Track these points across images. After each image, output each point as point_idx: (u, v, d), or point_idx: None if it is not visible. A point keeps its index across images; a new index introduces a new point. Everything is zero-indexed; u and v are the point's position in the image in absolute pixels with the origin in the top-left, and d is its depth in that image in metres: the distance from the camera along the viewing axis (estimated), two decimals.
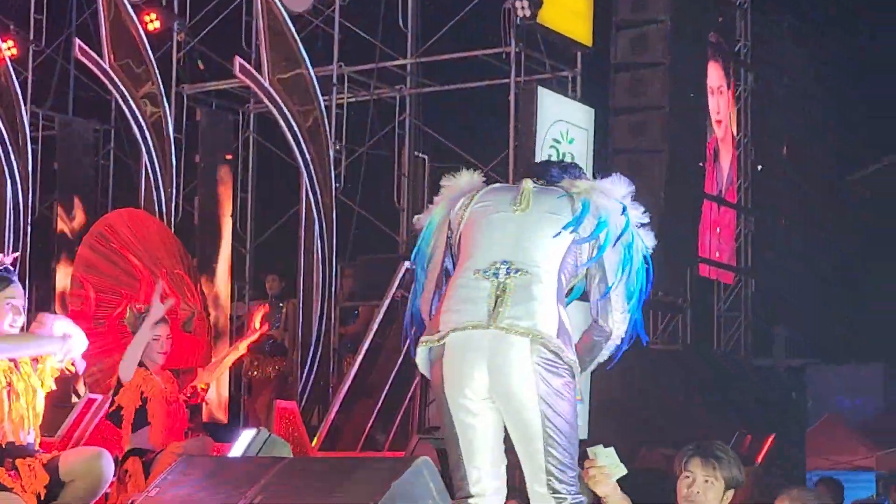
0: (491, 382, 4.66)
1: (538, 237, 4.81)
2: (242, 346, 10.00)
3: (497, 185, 5.08)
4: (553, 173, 5.05)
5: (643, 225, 4.95)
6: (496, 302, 4.66)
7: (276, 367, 14.01)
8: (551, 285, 4.76)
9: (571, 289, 4.93)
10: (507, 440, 4.79)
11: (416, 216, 5.15)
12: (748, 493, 8.84)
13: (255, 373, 13.94)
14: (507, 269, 4.72)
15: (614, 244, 4.86)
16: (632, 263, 4.90)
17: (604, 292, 4.87)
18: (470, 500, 4.72)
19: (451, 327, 4.68)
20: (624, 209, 4.92)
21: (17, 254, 6.85)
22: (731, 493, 5.26)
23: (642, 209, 4.99)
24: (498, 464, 4.76)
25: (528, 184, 4.95)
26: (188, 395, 8.77)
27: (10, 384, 6.31)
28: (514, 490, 5.02)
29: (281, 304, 14.30)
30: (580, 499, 4.75)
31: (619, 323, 4.93)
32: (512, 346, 4.63)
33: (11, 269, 6.50)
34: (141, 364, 8.58)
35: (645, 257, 4.94)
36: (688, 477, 5.26)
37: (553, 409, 4.65)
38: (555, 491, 4.68)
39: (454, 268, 4.93)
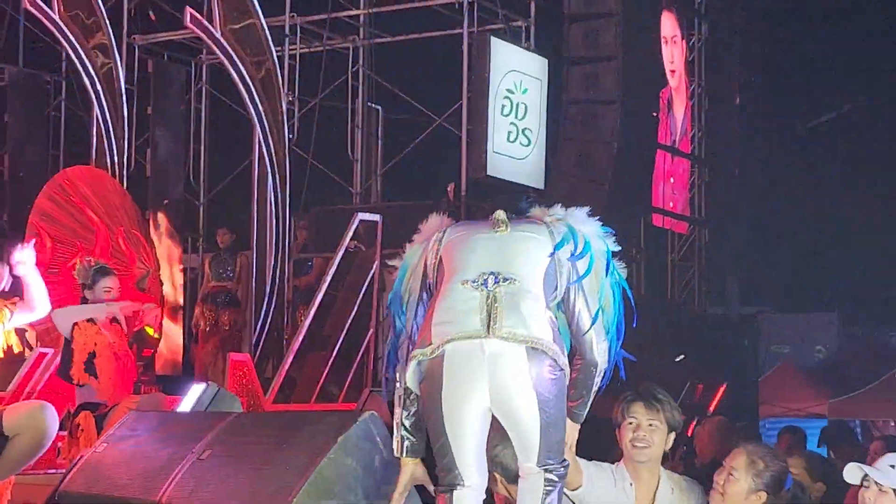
0: (492, 393, 4.70)
1: (521, 251, 4.86)
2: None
3: (465, 221, 5.13)
4: (522, 205, 5.10)
5: (615, 254, 5.01)
6: (489, 312, 4.68)
7: (229, 319, 13.97)
8: (539, 294, 4.80)
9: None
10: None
11: (392, 263, 5.13)
12: (713, 442, 8.86)
13: (203, 324, 13.88)
14: (496, 278, 4.74)
15: (606, 270, 4.93)
16: (613, 294, 4.96)
17: (593, 318, 4.91)
18: (456, 490, 4.75)
19: (447, 338, 4.68)
20: (601, 235, 4.99)
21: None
22: (672, 435, 5.29)
23: (613, 239, 5.03)
24: (483, 458, 4.82)
25: (500, 214, 4.97)
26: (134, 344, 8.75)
27: None
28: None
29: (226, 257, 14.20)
30: (567, 464, 4.84)
31: (603, 353, 4.97)
32: (511, 357, 4.67)
33: None
34: (90, 319, 8.56)
35: (623, 287, 4.99)
36: (631, 423, 5.29)
37: (549, 412, 4.72)
38: (543, 464, 4.76)
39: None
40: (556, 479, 4.77)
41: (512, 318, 4.69)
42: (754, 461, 5.12)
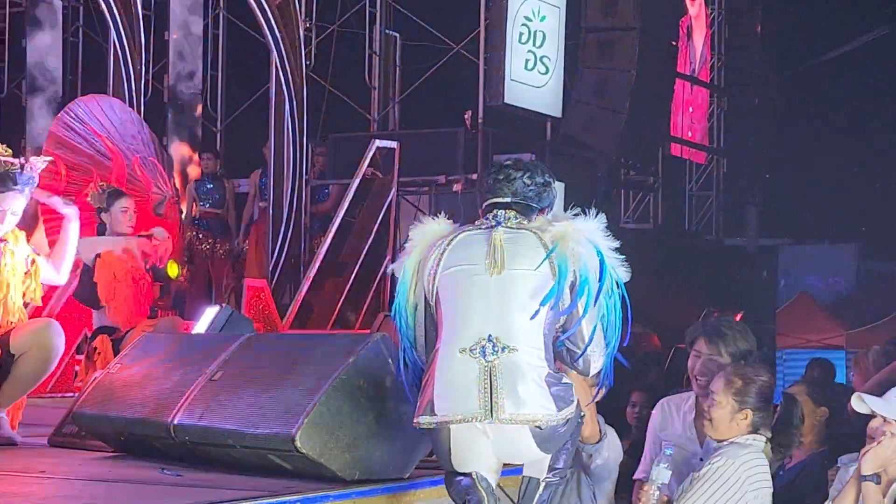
0: (499, 462, 4.69)
1: (519, 305, 4.64)
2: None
3: (467, 233, 4.78)
4: (536, 194, 4.87)
5: (615, 249, 4.79)
6: (490, 389, 4.54)
7: (223, 246, 13.99)
8: (539, 355, 4.63)
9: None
10: None
11: (392, 266, 5.00)
12: None
13: (199, 249, 13.88)
14: (493, 346, 4.58)
15: (595, 297, 4.70)
16: (607, 309, 4.74)
17: (588, 341, 4.72)
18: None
19: (449, 419, 4.57)
20: (598, 253, 4.70)
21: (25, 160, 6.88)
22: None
23: (616, 244, 4.76)
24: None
25: (498, 236, 4.70)
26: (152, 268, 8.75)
27: None
28: None
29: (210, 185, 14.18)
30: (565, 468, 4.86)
31: (597, 358, 4.79)
32: (516, 437, 4.59)
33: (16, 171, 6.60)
34: None
35: (623, 297, 4.81)
36: (697, 355, 5.39)
37: (557, 461, 4.72)
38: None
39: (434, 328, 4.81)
40: (555, 479, 4.77)
41: (512, 399, 4.54)
42: (731, 380, 5.11)
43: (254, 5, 13.83)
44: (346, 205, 12.71)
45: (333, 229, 12.57)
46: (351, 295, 12.66)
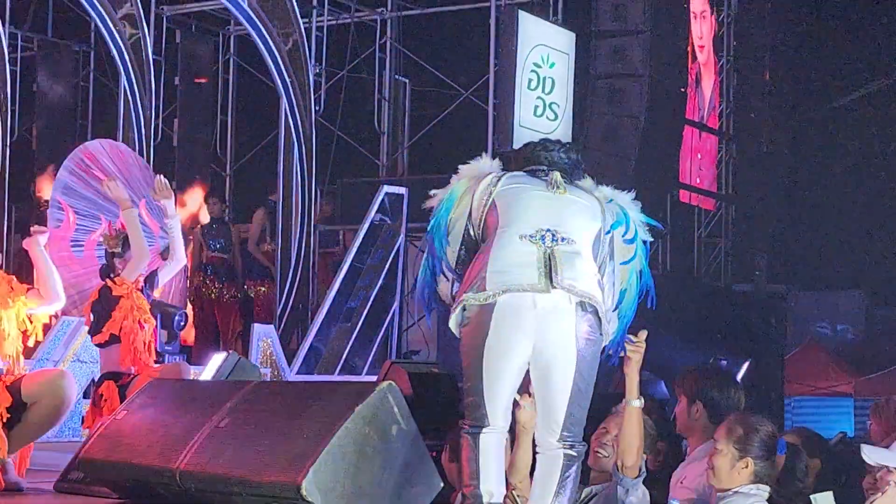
0: (535, 347, 4.76)
1: (576, 214, 4.92)
2: None
3: (520, 173, 5.07)
4: (572, 155, 5.11)
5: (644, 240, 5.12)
6: (548, 267, 4.74)
7: (230, 291, 13.97)
8: (591, 258, 4.89)
9: None
10: None
11: (432, 190, 5.13)
12: None
13: (206, 294, 13.85)
14: (553, 236, 4.80)
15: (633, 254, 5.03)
16: (637, 279, 5.07)
17: (618, 300, 5.04)
18: (484, 430, 4.78)
19: (503, 288, 4.72)
20: (642, 223, 5.09)
21: None
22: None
23: (648, 228, 5.14)
24: (510, 406, 4.86)
25: (557, 176, 5.00)
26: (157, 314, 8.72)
27: None
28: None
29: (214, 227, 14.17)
30: (585, 446, 4.90)
31: (610, 333, 5.01)
32: (561, 313, 4.74)
33: None
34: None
35: (642, 271, 5.07)
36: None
37: (583, 374, 4.78)
38: (563, 440, 4.81)
39: (476, 241, 4.98)
40: (575, 454, 4.80)
41: (570, 274, 4.75)
42: (733, 428, 5.10)
43: (264, 51, 13.90)
44: (354, 250, 12.73)
45: (342, 275, 12.58)
46: (358, 341, 12.65)
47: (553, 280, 4.71)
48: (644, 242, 5.07)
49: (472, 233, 4.99)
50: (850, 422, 16.97)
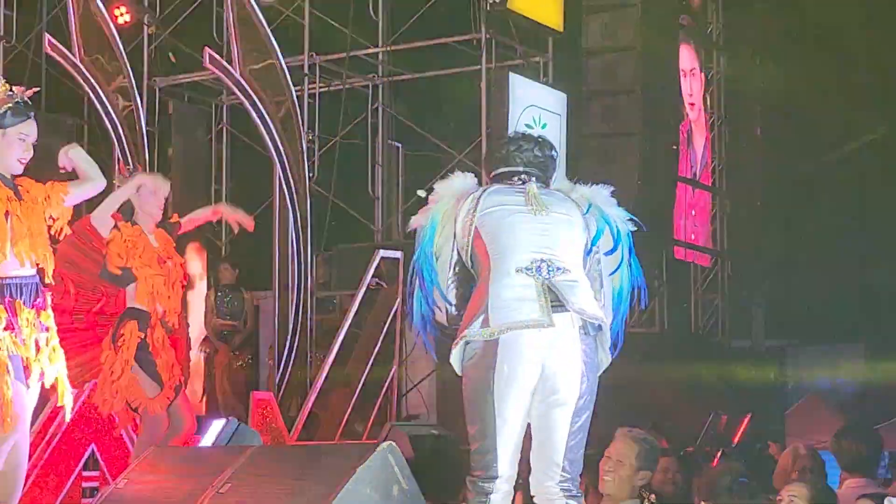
0: (543, 374, 4.77)
1: (564, 237, 4.92)
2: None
3: (496, 186, 5.05)
4: (548, 152, 5.14)
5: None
6: (548, 299, 4.76)
7: (241, 359, 13.94)
8: (587, 285, 4.91)
9: None
10: None
11: (412, 218, 5.12)
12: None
13: (217, 362, 13.81)
14: (549, 266, 4.80)
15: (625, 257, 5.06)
16: (627, 273, 5.08)
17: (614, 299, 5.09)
18: (496, 481, 4.75)
19: (507, 326, 4.72)
20: (623, 219, 5.11)
21: (37, 88, 6.79)
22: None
23: (629, 219, 5.17)
24: (518, 450, 4.83)
25: (533, 188, 5.00)
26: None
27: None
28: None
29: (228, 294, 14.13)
30: (581, 495, 4.89)
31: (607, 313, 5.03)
32: (567, 340, 4.76)
33: (30, 103, 6.50)
34: (134, 223, 8.55)
35: (631, 268, 5.04)
36: None
37: (585, 403, 4.82)
38: (562, 482, 4.79)
39: (470, 269, 4.95)
40: None
41: (575, 298, 4.78)
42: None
43: (256, 119, 13.97)
44: (350, 315, 12.73)
45: (339, 340, 12.57)
46: (358, 406, 12.63)
47: (558, 307, 4.73)
48: (628, 236, 5.06)
49: (461, 257, 4.97)
50: None
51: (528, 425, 4.81)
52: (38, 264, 6.30)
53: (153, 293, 8.37)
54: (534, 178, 5.05)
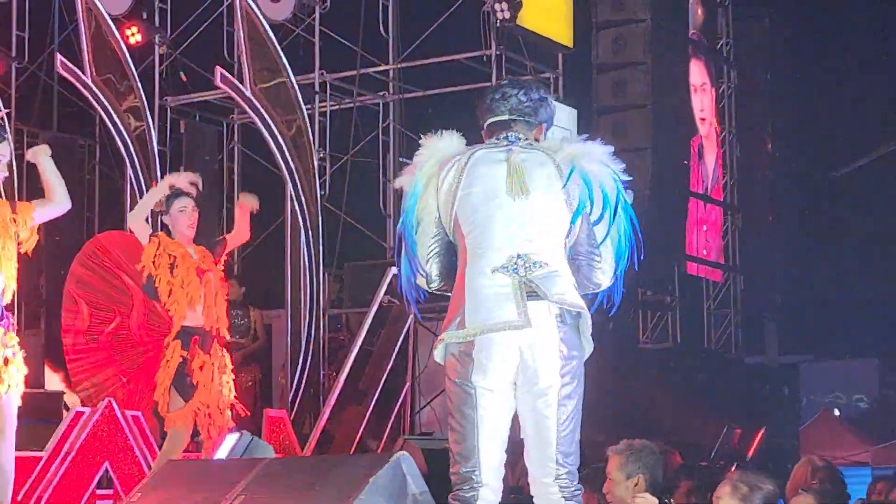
0: (521, 365, 4.68)
1: (543, 225, 4.78)
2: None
3: (483, 151, 4.87)
4: (537, 104, 4.99)
5: (625, 184, 4.95)
6: (526, 300, 4.66)
7: (250, 377, 13.91)
8: (568, 272, 4.79)
9: None
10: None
11: (396, 179, 5.06)
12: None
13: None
14: (525, 263, 4.69)
15: (615, 210, 4.87)
16: (620, 227, 4.93)
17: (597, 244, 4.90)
18: (482, 490, 4.67)
19: (483, 328, 4.63)
20: (613, 174, 4.91)
21: (8, 110, 6.86)
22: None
23: (623, 166, 4.98)
24: (502, 463, 4.77)
25: (515, 158, 4.82)
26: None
27: None
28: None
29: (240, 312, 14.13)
30: (581, 488, 4.78)
31: (607, 274, 4.95)
32: (544, 337, 4.66)
33: (3, 124, 6.53)
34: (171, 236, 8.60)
35: (631, 218, 4.95)
36: None
37: (568, 397, 4.71)
38: (559, 479, 4.71)
39: (453, 241, 4.88)
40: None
41: (555, 289, 4.66)
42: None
43: (268, 137, 14.00)
44: (363, 333, 12.73)
45: (352, 357, 12.57)
46: (371, 422, 12.62)
47: (534, 296, 4.64)
48: (617, 192, 4.89)
49: (445, 230, 4.89)
50: (863, 491, 16.84)
51: (521, 434, 4.76)
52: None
53: (192, 304, 8.44)
54: (515, 143, 4.88)
